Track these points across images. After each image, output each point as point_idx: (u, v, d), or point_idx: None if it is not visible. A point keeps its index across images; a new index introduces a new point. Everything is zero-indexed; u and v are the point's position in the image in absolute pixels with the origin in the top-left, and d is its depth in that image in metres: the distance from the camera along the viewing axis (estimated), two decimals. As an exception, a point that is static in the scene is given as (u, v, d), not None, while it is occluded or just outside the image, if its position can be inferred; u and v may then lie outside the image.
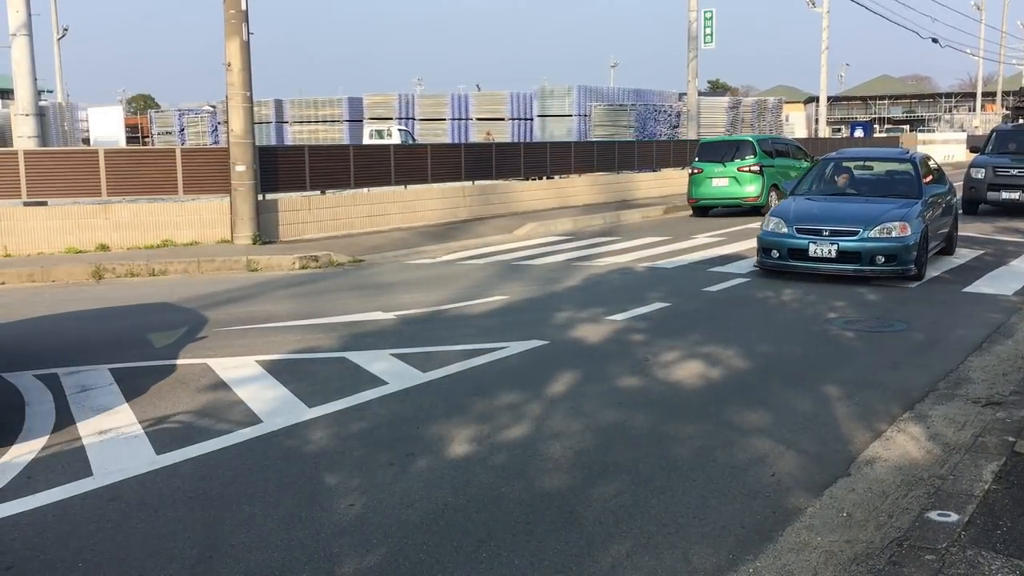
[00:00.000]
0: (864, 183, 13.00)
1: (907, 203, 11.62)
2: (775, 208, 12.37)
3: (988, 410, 6.06)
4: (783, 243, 11.32)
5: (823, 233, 11.13)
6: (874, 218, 11.11)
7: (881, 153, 14.76)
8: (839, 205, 11.98)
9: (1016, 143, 20.66)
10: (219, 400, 6.43)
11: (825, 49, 40.65)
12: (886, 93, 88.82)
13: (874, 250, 10.84)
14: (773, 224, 11.62)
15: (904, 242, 10.89)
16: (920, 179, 12.29)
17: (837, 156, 13.70)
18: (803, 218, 11.49)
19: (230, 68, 14.27)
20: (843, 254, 10.97)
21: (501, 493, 4.81)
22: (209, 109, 51.69)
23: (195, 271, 12.61)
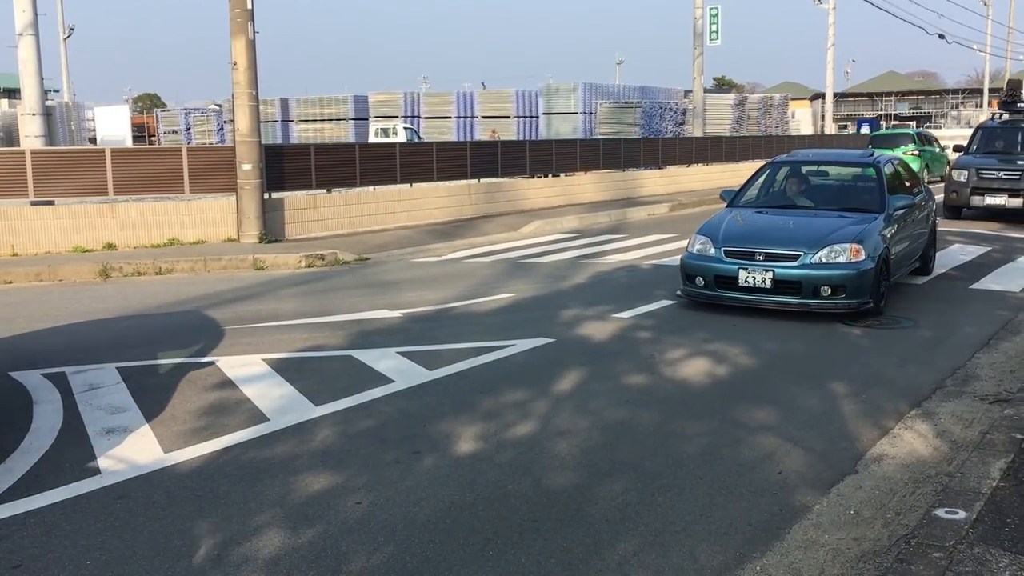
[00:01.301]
0: (818, 192, 10.73)
1: (865, 218, 9.46)
2: (704, 224, 9.96)
3: (996, 407, 6.05)
4: (708, 268, 9.17)
5: (756, 257, 8.96)
6: (820, 238, 8.97)
7: (841, 156, 12.21)
8: (781, 221, 9.75)
9: (1004, 141, 18.68)
10: (226, 398, 6.45)
11: (831, 46, 40.55)
12: (892, 89, 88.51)
13: (818, 279, 8.70)
14: (699, 244, 9.46)
15: (857, 269, 8.72)
16: (883, 188, 10.03)
17: (788, 159, 11.46)
18: (734, 237, 9.30)
19: (236, 67, 14.28)
20: (780, 284, 8.80)
21: (508, 491, 4.82)
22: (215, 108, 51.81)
23: (202, 270, 12.64)
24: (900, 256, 9.86)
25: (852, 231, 9.09)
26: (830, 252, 8.80)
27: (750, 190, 10.90)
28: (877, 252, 8.96)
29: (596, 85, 41.51)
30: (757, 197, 10.80)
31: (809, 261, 8.77)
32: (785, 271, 8.80)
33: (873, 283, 8.83)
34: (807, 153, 12.31)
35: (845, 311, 8.76)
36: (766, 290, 8.87)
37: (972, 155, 18.52)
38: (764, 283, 8.86)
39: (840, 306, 8.73)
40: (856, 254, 8.80)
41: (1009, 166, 17.51)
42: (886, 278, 9.28)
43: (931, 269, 11.56)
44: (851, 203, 10.14)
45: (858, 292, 8.73)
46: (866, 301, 8.79)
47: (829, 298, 8.72)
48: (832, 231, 9.09)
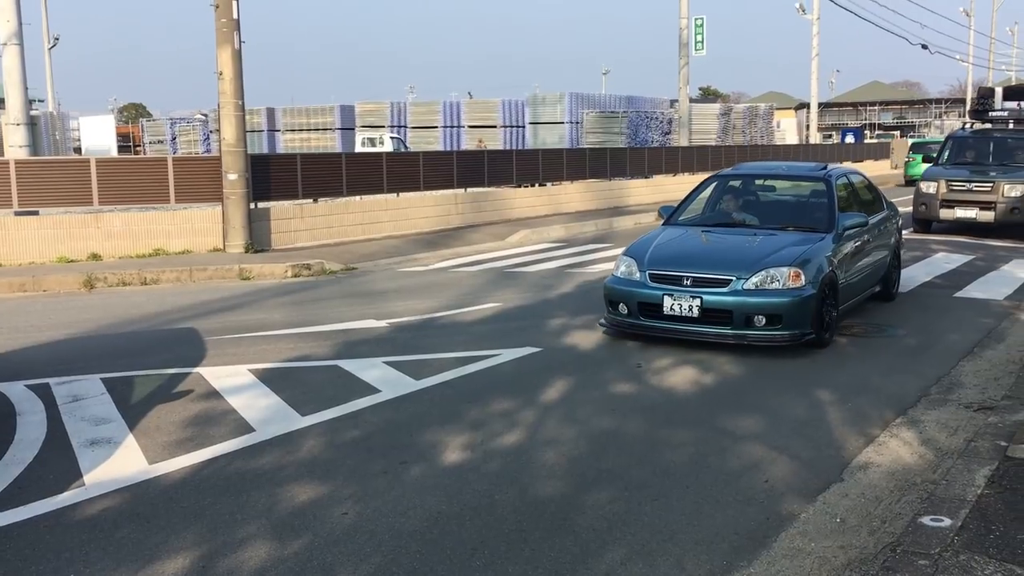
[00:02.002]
0: (763, 209, 9.61)
1: (811, 238, 8.55)
2: (632, 244, 9.02)
3: (980, 415, 6.09)
4: (631, 294, 8.20)
5: (683, 282, 7.99)
6: (756, 261, 8.01)
7: (789, 169, 11.07)
8: (717, 241, 8.85)
9: (975, 151, 17.92)
10: (211, 409, 6.41)
11: (815, 56, 40.81)
12: (876, 99, 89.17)
13: (751, 307, 7.75)
14: (623, 267, 8.53)
15: (795, 296, 7.76)
16: (833, 205, 9.01)
17: (732, 172, 10.46)
18: (661, 259, 8.33)
19: (222, 77, 14.26)
20: (709, 312, 7.83)
21: (495, 500, 4.81)
22: (201, 117, 51.64)
23: (187, 280, 12.58)
24: (853, 281, 8.94)
25: (792, 253, 8.14)
26: (766, 277, 7.84)
27: (690, 206, 9.92)
28: (821, 276, 8.01)
29: (582, 95, 41.63)
30: (697, 214, 9.84)
31: (741, 287, 7.81)
32: (714, 298, 7.81)
33: (815, 312, 7.91)
34: (754, 166, 11.13)
35: (783, 343, 7.79)
36: (693, 319, 7.87)
37: (942, 166, 17.80)
38: (691, 311, 7.86)
39: (776, 338, 7.76)
40: (795, 279, 7.84)
41: (980, 178, 16.78)
42: (833, 306, 8.31)
43: (894, 294, 10.51)
44: (797, 221, 9.10)
45: (797, 322, 7.78)
46: (807, 332, 7.84)
47: (764, 329, 7.74)
48: (770, 253, 8.13)
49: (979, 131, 18.71)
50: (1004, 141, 17.77)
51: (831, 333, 8.29)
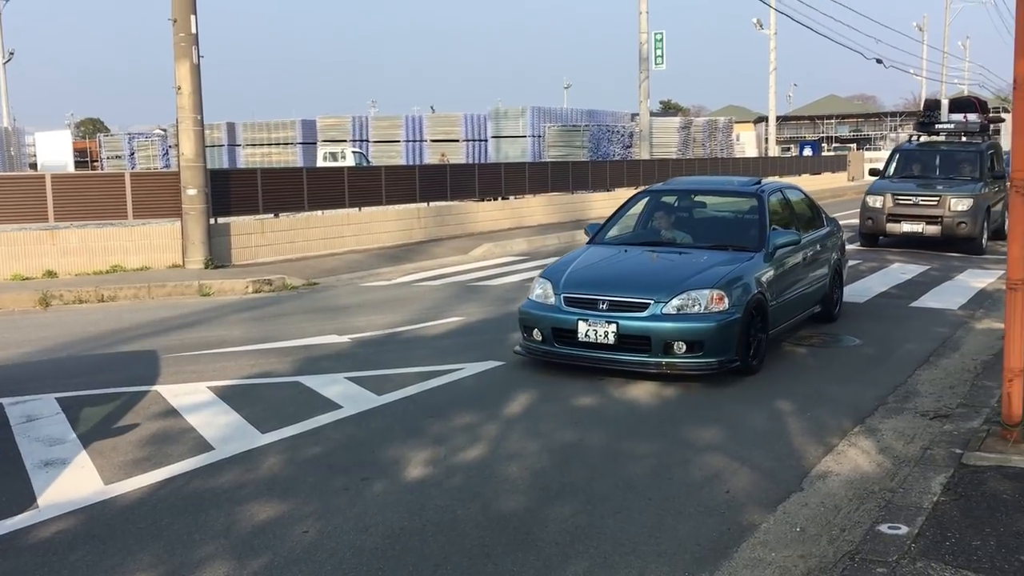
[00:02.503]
0: (693, 226, 9.10)
1: (739, 257, 8.02)
2: (551, 265, 8.57)
3: (936, 423, 6.18)
4: (545, 319, 7.65)
5: (599, 306, 7.45)
6: (677, 282, 7.48)
7: (721, 184, 10.42)
8: (640, 260, 8.34)
9: (921, 164, 17.67)
10: (169, 428, 6.32)
11: (773, 70, 41.41)
12: (833, 112, 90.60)
13: (670, 333, 7.20)
14: (539, 289, 7.98)
15: (718, 320, 7.26)
16: (764, 222, 8.51)
17: (662, 188, 9.92)
18: (578, 281, 7.79)
19: (180, 91, 14.13)
20: (625, 339, 7.27)
21: (457, 516, 4.79)
22: (160, 132, 51.10)
23: (146, 296, 12.42)
24: (786, 302, 8.43)
25: (716, 274, 7.62)
26: (686, 299, 7.33)
27: (617, 223, 9.35)
28: (747, 299, 7.54)
29: (544, 109, 41.84)
30: (623, 232, 9.31)
31: (660, 311, 7.28)
32: (631, 323, 7.27)
33: (741, 337, 7.40)
34: (686, 181, 10.65)
35: (705, 372, 7.27)
36: (609, 346, 7.32)
37: (889, 179, 17.53)
38: (607, 338, 7.30)
39: (698, 366, 7.23)
40: (718, 301, 7.34)
41: (927, 191, 16.49)
42: (762, 330, 7.79)
43: (836, 315, 10.01)
44: (727, 239, 8.58)
45: (720, 348, 7.27)
46: (731, 359, 7.34)
47: (685, 356, 7.21)
48: (693, 274, 7.62)
49: (926, 144, 18.54)
50: (951, 154, 17.67)
51: (759, 359, 7.77)
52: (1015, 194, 5.39)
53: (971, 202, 15.88)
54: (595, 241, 9.04)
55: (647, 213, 9.38)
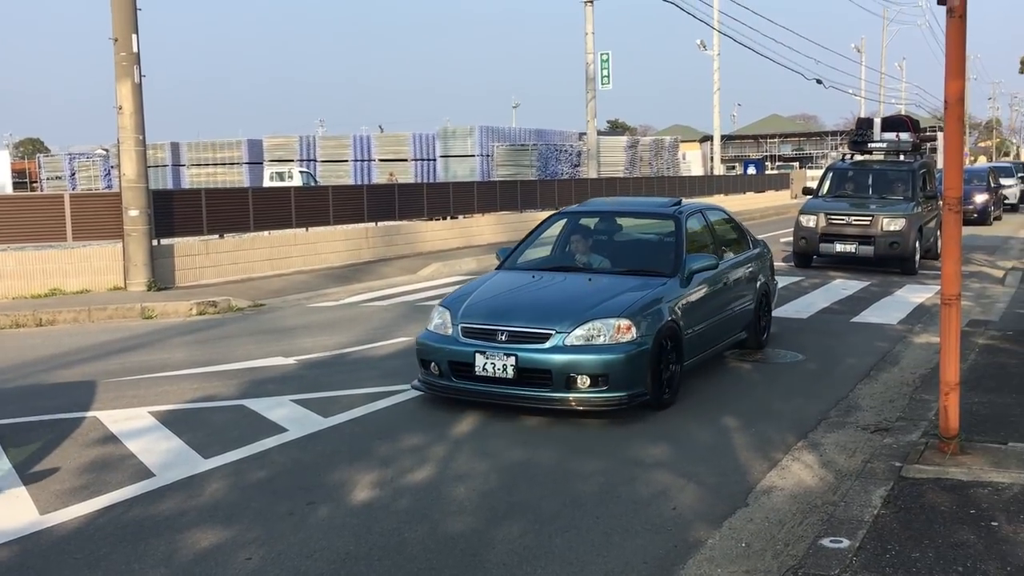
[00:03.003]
0: (608, 250, 8.57)
1: (651, 283, 7.54)
2: (453, 292, 8.21)
3: (877, 436, 6.30)
4: (441, 352, 7.14)
5: (498, 337, 6.93)
6: (583, 310, 6.99)
7: (639, 205, 10.11)
8: (548, 286, 7.81)
9: (854, 184, 17.52)
10: (109, 455, 6.17)
11: (717, 90, 42.14)
12: (776, 132, 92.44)
13: (572, 366, 6.69)
14: (437, 319, 7.47)
15: (625, 351, 6.75)
16: (681, 245, 8.05)
17: (578, 209, 9.35)
18: (477, 310, 7.27)
19: (121, 111, 13.91)
20: (525, 373, 6.74)
21: (404, 539, 4.74)
22: (102, 153, 50.19)
23: (86, 320, 12.14)
24: (705, 331, 7.96)
25: (624, 301, 7.12)
26: (590, 329, 6.81)
27: (530, 247, 8.90)
28: (659, 327, 7.05)
29: (493, 128, 42.01)
30: (538, 255, 8.84)
31: (562, 342, 6.76)
32: (530, 356, 6.74)
33: (651, 369, 6.91)
34: (603, 202, 10.17)
35: (610, 407, 6.77)
36: (508, 381, 6.78)
37: (822, 198, 17.32)
38: (506, 371, 6.76)
39: (602, 401, 6.73)
40: (625, 331, 6.84)
41: (860, 211, 16.33)
42: (675, 361, 7.32)
43: (764, 342, 9.51)
44: (641, 264, 8.13)
45: (627, 382, 6.75)
46: (640, 393, 6.85)
47: (588, 391, 6.71)
48: (600, 301, 7.13)
49: (859, 163, 18.33)
50: (884, 173, 17.49)
51: (673, 392, 7.29)
52: (948, 212, 5.54)
53: (904, 222, 15.77)
54: (504, 266, 8.52)
55: (564, 236, 8.88)
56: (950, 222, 5.55)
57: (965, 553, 4.17)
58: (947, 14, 5.45)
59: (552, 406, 6.80)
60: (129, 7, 13.79)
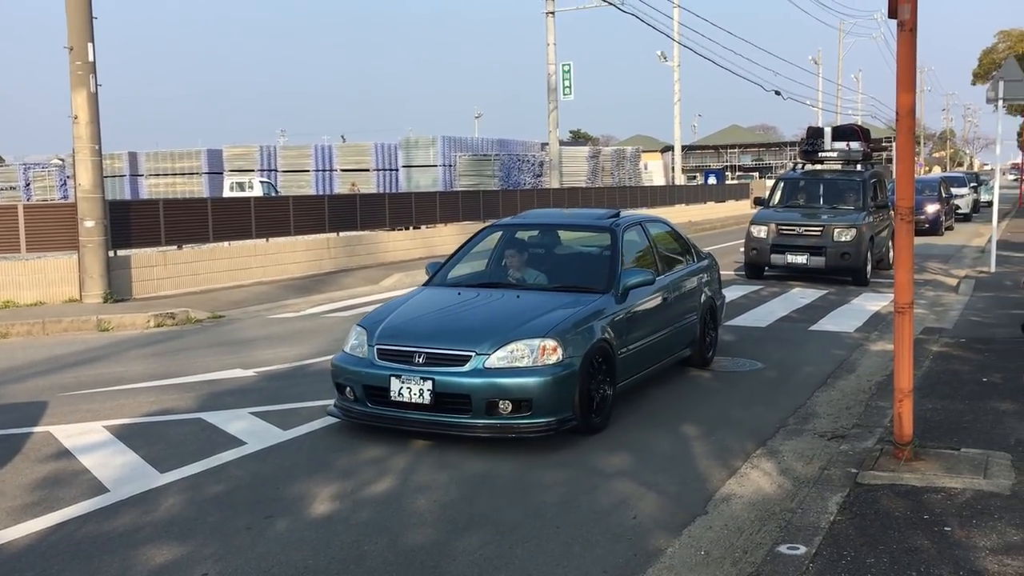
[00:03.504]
0: (542, 264, 8.14)
1: (582, 300, 7.14)
2: (373, 311, 7.66)
3: (833, 443, 6.37)
4: (356, 375, 6.68)
5: (414, 359, 6.48)
6: (507, 330, 6.57)
7: (574, 217, 9.53)
8: (471, 304, 7.37)
9: (806, 194, 17.27)
10: (61, 470, 6.06)
11: (678, 101, 42.53)
12: (736, 142, 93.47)
13: (493, 390, 6.25)
14: (353, 340, 7.00)
15: (550, 374, 6.31)
16: (616, 260, 7.65)
17: (511, 221, 8.88)
18: (395, 330, 6.82)
19: (77, 121, 13.71)
20: (442, 398, 6.31)
21: (364, 552, 4.71)
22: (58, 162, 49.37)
23: (40, 333, 11.92)
24: (642, 349, 7.58)
25: (551, 320, 6.68)
26: (512, 351, 6.38)
27: (460, 261, 8.44)
28: (588, 348, 6.63)
29: (455, 138, 42.05)
30: (475, 270, 8.45)
31: (481, 365, 6.32)
32: (448, 379, 6.30)
33: (580, 392, 6.49)
34: (539, 214, 9.46)
35: (535, 434, 6.31)
36: (425, 406, 6.35)
37: (773, 209, 17.08)
38: (422, 397, 6.33)
39: (526, 428, 6.27)
40: (551, 352, 6.39)
41: (811, 221, 16.11)
42: (608, 383, 6.93)
43: (710, 358, 9.19)
44: (575, 279, 7.72)
45: (552, 406, 6.31)
46: (567, 418, 6.42)
47: (511, 416, 6.28)
48: (526, 320, 6.69)
49: (810, 173, 18.00)
50: (834, 183, 17.20)
51: (605, 416, 6.88)
52: (900, 221, 5.64)
53: (855, 232, 15.53)
54: (432, 282, 8.13)
55: (498, 250, 8.45)
56: (902, 231, 5.65)
57: (919, 558, 4.23)
58: (898, 27, 5.55)
59: (472, 433, 6.33)
60: (85, 16, 13.61)
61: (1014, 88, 16.44)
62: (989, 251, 17.78)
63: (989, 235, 19.35)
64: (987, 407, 6.95)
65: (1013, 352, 8.92)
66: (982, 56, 46.13)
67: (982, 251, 20.81)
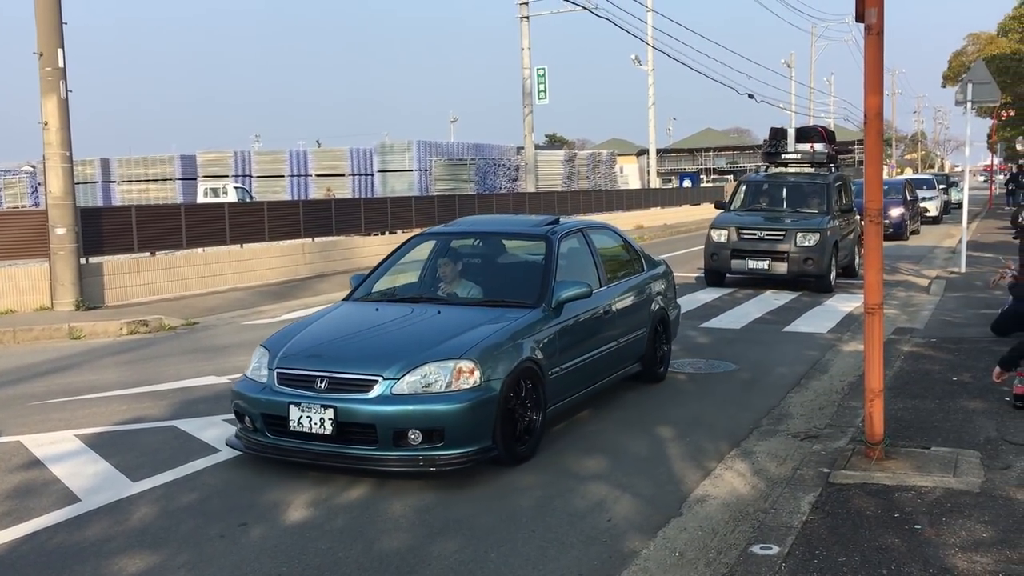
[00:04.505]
0: (473, 275, 7.47)
1: (508, 315, 6.53)
2: (281, 329, 7.02)
3: (806, 443, 6.43)
4: (255, 402, 6.02)
5: (316, 384, 5.86)
6: (417, 351, 5.95)
7: (509, 225, 8.55)
8: (385, 322, 6.70)
9: (769, 197, 16.59)
10: (32, 480, 5.99)
11: (652, 104, 42.71)
12: (711, 145, 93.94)
13: (401, 419, 5.64)
14: (254, 362, 6.38)
15: (465, 400, 5.72)
16: (550, 272, 7.01)
17: (443, 229, 8.20)
18: (299, 351, 6.22)
19: (47, 127, 13.57)
20: (346, 428, 5.69)
21: (339, 558, 4.69)
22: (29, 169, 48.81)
23: (10, 341, 11.79)
24: (579, 367, 6.99)
25: (469, 339, 6.05)
26: (424, 374, 5.77)
27: (386, 274, 7.82)
28: (512, 369, 6.02)
29: (431, 143, 41.99)
30: (405, 282, 7.85)
31: (388, 390, 5.70)
32: (350, 407, 5.67)
33: (500, 419, 5.87)
34: (471, 221, 8.69)
35: (449, 466, 5.68)
36: (328, 437, 5.71)
37: (734, 212, 16.31)
38: (324, 427, 5.69)
39: (438, 460, 5.64)
40: (468, 375, 5.80)
41: (773, 225, 15.38)
42: (535, 407, 6.30)
43: (662, 373, 8.63)
44: (503, 292, 7.08)
45: (468, 436, 5.72)
46: (486, 448, 5.82)
47: (421, 448, 5.65)
48: (442, 339, 6.08)
49: (773, 175, 17.32)
50: (798, 186, 16.46)
51: (533, 444, 6.27)
52: (869, 223, 5.70)
53: (818, 237, 14.84)
54: (353, 296, 7.50)
55: (431, 260, 7.81)
56: (871, 233, 5.71)
57: (889, 556, 4.28)
58: (865, 31, 5.62)
59: (381, 467, 5.69)
60: (54, 21, 13.49)
61: (982, 91, 16.60)
62: (960, 252, 17.98)
63: (960, 236, 19.57)
64: (957, 406, 7.03)
65: (983, 352, 9.03)
66: (952, 59, 46.75)
67: (953, 252, 21.05)
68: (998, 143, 54.04)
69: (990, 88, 16.71)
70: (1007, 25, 39.67)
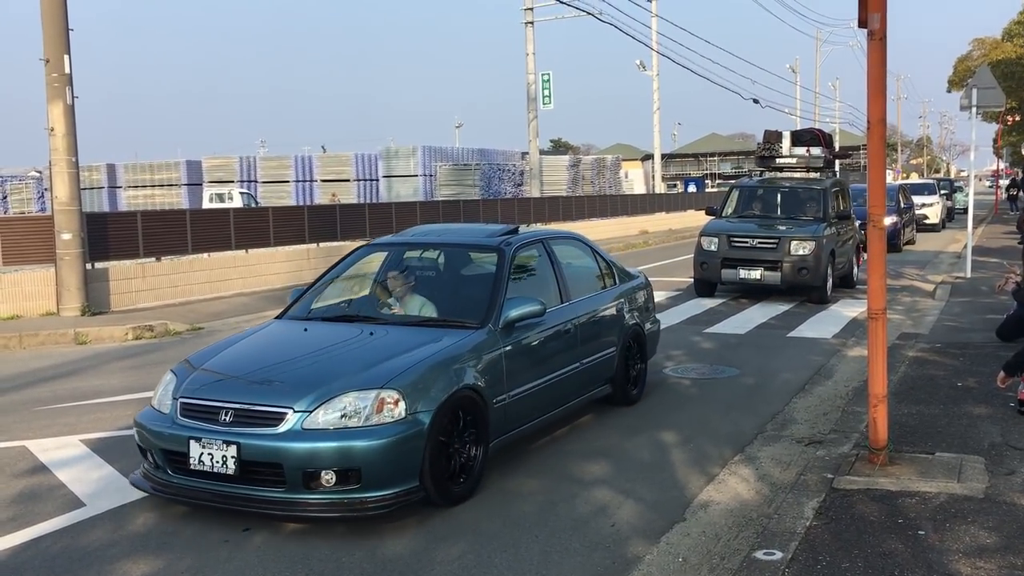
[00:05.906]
0: (423, 292, 6.74)
1: (448, 337, 5.90)
2: (193, 354, 6.26)
3: (810, 449, 6.42)
4: (157, 436, 5.37)
5: (220, 417, 5.20)
6: (334, 379, 5.33)
7: (462, 235, 7.69)
8: (309, 343, 6.04)
9: (762, 203, 15.64)
10: (37, 485, 6.01)
11: (657, 109, 42.73)
12: (715, 150, 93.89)
13: (311, 458, 4.98)
14: (161, 389, 5.73)
15: (391, 435, 5.07)
16: (500, 286, 6.36)
17: (392, 240, 7.59)
18: (206, 378, 5.60)
19: (54, 133, 13.63)
20: (250, 467, 5.04)
21: (342, 564, 4.70)
22: (36, 175, 49.00)
23: (16, 346, 11.82)
24: (532, 393, 6.32)
25: (395, 365, 5.41)
26: (343, 406, 5.12)
27: (329, 286, 7.11)
28: (445, 398, 5.37)
29: (436, 148, 42.06)
30: (344, 297, 7.17)
31: (299, 425, 5.06)
32: (255, 443, 5.03)
33: (429, 456, 5.23)
34: (421, 231, 7.88)
35: (366, 511, 5.02)
36: (230, 477, 5.07)
37: (726, 219, 15.45)
38: (226, 466, 5.05)
39: (355, 504, 5.00)
40: (390, 406, 5.15)
41: (766, 232, 14.55)
42: (475, 440, 5.67)
43: (636, 396, 7.97)
44: (448, 311, 6.47)
45: (390, 476, 5.07)
46: (411, 489, 5.17)
47: (335, 490, 5.00)
48: (367, 366, 5.45)
49: (766, 180, 16.48)
50: (793, 192, 15.56)
51: (472, 482, 5.62)
52: (872, 228, 5.70)
53: (813, 245, 14.00)
54: (288, 313, 6.81)
55: (379, 273, 7.17)
56: (874, 238, 5.71)
57: (893, 562, 4.27)
58: (868, 37, 5.62)
59: (285, 512, 5.02)
60: (61, 27, 13.55)
61: (987, 96, 16.59)
62: (965, 257, 17.94)
63: (965, 241, 19.53)
64: (961, 411, 7.02)
65: (988, 357, 9.01)
66: (957, 63, 46.64)
67: (958, 257, 21.01)
68: (1004, 148, 53.91)
69: (995, 93, 16.69)
70: (1012, 30, 39.61)
